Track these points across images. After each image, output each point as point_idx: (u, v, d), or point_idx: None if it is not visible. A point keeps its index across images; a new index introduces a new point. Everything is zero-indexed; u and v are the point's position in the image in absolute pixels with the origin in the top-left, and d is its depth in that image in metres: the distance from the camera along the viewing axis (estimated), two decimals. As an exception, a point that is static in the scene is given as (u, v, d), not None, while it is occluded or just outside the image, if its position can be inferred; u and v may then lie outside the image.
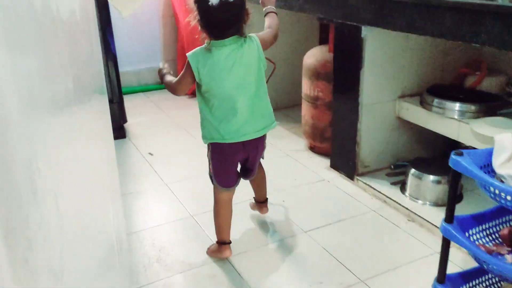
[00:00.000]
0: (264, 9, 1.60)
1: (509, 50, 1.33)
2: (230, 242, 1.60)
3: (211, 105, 1.45)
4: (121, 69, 3.09)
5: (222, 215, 1.57)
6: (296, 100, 2.86)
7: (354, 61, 1.99)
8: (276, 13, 1.59)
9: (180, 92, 1.51)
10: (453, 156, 1.11)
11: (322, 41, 2.62)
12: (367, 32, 1.92)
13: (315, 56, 2.32)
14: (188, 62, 1.41)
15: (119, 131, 2.58)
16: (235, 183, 1.56)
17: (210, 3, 1.33)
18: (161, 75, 1.57)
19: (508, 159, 1.12)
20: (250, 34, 1.46)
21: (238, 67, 1.41)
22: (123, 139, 2.56)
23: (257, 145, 1.53)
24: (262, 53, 1.46)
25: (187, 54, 1.44)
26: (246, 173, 1.59)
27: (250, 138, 1.47)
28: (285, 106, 2.97)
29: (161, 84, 1.63)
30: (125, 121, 2.66)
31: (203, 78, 1.41)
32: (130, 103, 3.16)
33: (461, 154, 1.11)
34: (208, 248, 1.63)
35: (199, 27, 1.39)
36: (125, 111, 2.65)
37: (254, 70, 1.45)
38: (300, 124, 2.53)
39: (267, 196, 1.80)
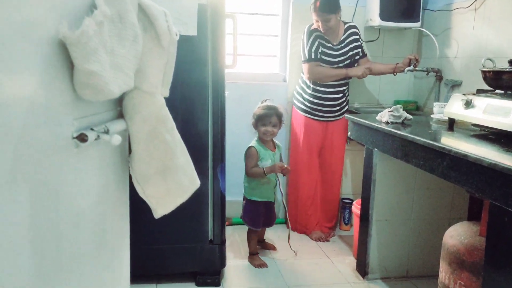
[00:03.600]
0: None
1: None
2: (258, 253, 2.58)
3: None
4: (232, 198, 2.88)
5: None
6: (432, 270, 2.25)
7: (518, 263, 1.36)
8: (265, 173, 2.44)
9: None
10: None
11: (472, 215, 2.00)
12: (540, 229, 1.30)
13: (460, 236, 1.73)
14: None
15: (214, 278, 2.25)
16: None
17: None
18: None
19: None
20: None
21: None
22: (216, 288, 2.22)
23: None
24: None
25: None
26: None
27: None
28: (417, 275, 2.37)
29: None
30: (223, 265, 2.34)
31: None
32: (236, 237, 2.90)
33: None
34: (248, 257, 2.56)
35: None
36: (226, 253, 2.32)
37: None
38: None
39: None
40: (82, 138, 0.80)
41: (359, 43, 2.81)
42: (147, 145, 1.05)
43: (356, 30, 2.81)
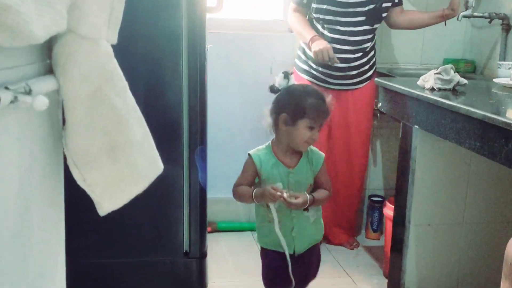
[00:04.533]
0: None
1: None
2: None
3: None
4: (215, 195, 2.90)
5: None
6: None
7: None
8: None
9: None
10: None
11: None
12: None
13: (531, 247, 1.72)
14: None
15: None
16: None
17: None
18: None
19: None
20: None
21: None
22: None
23: None
24: None
25: None
26: None
27: None
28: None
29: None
30: (203, 286, 2.40)
31: None
32: (222, 247, 2.95)
33: None
34: None
35: None
36: (206, 271, 2.40)
37: None
38: None
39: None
40: None
41: None
42: (89, 113, 1.04)
43: None
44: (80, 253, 2.17)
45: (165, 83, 2.14)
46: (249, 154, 2.02)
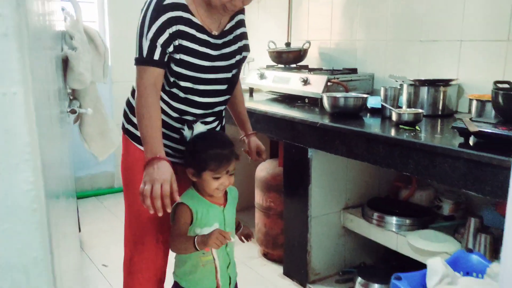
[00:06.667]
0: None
1: (433, 180, 1.69)
2: None
3: None
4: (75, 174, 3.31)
5: None
6: (250, 203, 3.17)
7: (303, 177, 2.37)
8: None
9: None
10: (393, 281, 1.40)
11: (273, 154, 2.97)
12: (313, 153, 2.27)
13: (267, 169, 2.70)
14: None
15: (72, 242, 2.72)
16: None
17: None
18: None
19: (439, 281, 1.38)
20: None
21: None
22: (76, 250, 2.70)
23: None
24: None
25: None
26: None
27: None
28: (239, 210, 3.18)
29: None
30: (78, 230, 2.79)
31: None
32: (82, 208, 3.34)
33: (399, 279, 1.42)
34: None
35: None
36: (79, 219, 2.79)
37: None
38: (253, 229, 2.75)
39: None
40: (72, 111, 1.33)
41: (248, 41, 1.88)
42: (92, 116, 1.61)
43: (244, 18, 1.85)
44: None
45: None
46: (181, 203, 1.57)
